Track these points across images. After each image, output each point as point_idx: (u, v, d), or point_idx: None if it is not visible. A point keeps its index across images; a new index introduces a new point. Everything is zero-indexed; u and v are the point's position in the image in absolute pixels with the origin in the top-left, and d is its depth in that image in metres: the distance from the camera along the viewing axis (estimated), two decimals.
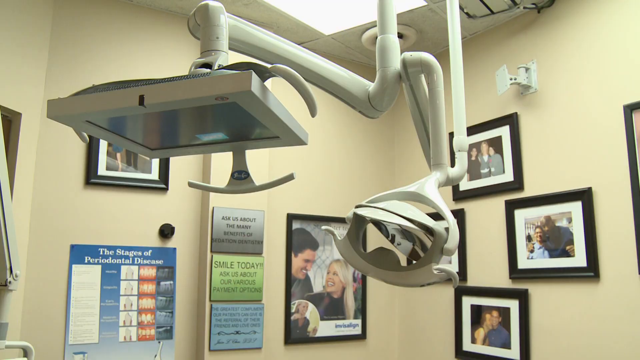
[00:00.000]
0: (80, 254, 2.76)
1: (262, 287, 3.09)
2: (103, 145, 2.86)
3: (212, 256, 2.97)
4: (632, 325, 2.41)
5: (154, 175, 2.99)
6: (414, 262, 1.17)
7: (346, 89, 1.35)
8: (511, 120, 3.01)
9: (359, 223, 1.27)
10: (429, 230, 1.15)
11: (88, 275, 2.77)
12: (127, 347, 2.83)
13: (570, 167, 2.72)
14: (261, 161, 3.11)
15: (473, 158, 3.19)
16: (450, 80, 1.47)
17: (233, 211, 3.03)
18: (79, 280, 2.74)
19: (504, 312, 2.96)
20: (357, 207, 1.25)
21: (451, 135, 1.43)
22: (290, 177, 1.42)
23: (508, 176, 3.01)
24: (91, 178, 2.82)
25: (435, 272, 1.11)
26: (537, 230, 2.81)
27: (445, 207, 1.19)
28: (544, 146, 2.86)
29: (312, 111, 1.03)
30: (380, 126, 3.83)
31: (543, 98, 2.89)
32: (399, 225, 1.17)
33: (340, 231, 1.20)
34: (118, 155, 2.89)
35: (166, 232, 2.97)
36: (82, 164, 2.82)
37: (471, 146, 3.21)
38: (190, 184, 1.54)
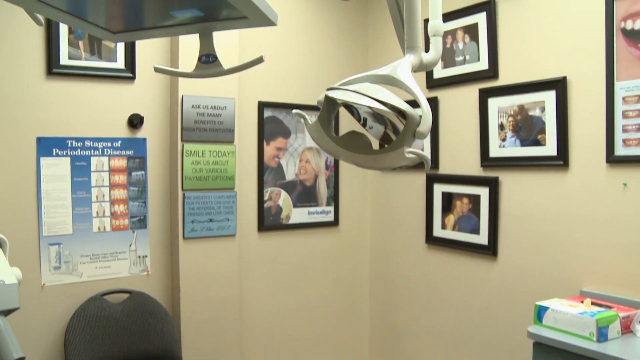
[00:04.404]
0: (47, 146, 2.70)
1: (234, 175, 3.09)
2: (63, 32, 2.72)
3: (183, 145, 2.93)
4: (597, 211, 2.49)
5: (120, 64, 2.88)
6: (386, 145, 1.15)
7: None
8: (488, 7, 2.92)
9: (330, 106, 1.23)
10: (401, 113, 1.13)
11: (57, 168, 2.72)
12: (101, 237, 2.85)
13: (547, 56, 2.68)
14: (230, 47, 3.01)
15: (448, 45, 3.12)
16: None
17: (203, 99, 2.96)
18: (49, 173, 2.70)
19: (474, 199, 3.02)
20: (328, 89, 1.21)
21: (426, 22, 1.36)
22: (259, 60, 1.36)
23: (483, 64, 2.96)
24: (53, 68, 2.70)
25: (407, 155, 1.10)
26: (510, 119, 2.81)
27: (419, 89, 1.16)
28: (520, 34, 2.80)
29: None
30: (353, 10, 3.70)
31: None
32: (371, 107, 1.14)
33: (313, 118, 1.17)
34: (80, 43, 2.76)
35: (135, 122, 2.91)
36: (42, 54, 2.70)
37: (446, 33, 3.13)
38: (156, 69, 1.48)
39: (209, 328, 3.06)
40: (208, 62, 1.37)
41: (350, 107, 1.30)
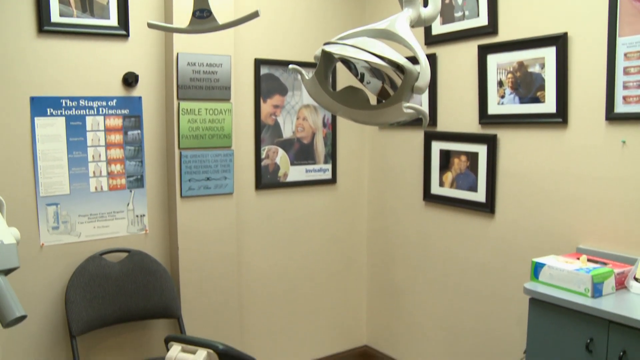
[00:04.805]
0: (41, 106, 2.66)
1: (231, 133, 3.07)
2: None
3: (178, 103, 2.90)
4: (595, 169, 2.49)
5: (113, 21, 2.83)
6: (384, 101, 1.13)
7: None
8: None
9: (327, 61, 1.21)
10: (399, 68, 1.11)
11: (52, 128, 2.70)
12: (99, 197, 2.84)
13: (547, 11, 2.63)
14: (225, 2, 2.94)
15: (447, 1, 3.07)
16: None
17: (198, 57, 2.92)
18: (43, 133, 2.68)
19: (472, 157, 3.01)
20: (325, 44, 1.19)
21: None
22: (254, 15, 1.34)
23: (482, 20, 2.91)
24: (44, 26, 2.64)
25: (405, 110, 1.09)
26: (509, 75, 2.78)
27: (417, 43, 1.14)
28: None
29: None
30: None
31: None
32: (368, 62, 1.12)
33: (310, 74, 1.15)
34: (71, 0, 2.70)
35: (130, 80, 2.87)
36: (32, 11, 2.63)
37: None
38: (150, 25, 1.45)
39: (207, 285, 3.09)
40: (202, 18, 1.34)
41: (347, 62, 1.28)
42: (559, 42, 2.55)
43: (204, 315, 3.09)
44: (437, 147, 3.22)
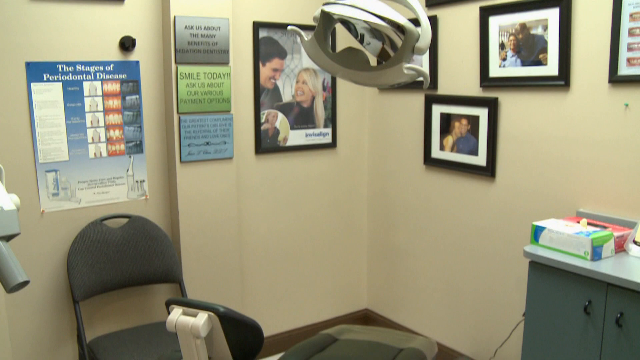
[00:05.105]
0: (37, 71, 2.63)
1: (230, 97, 3.05)
2: None
3: (177, 67, 2.87)
4: (597, 133, 2.47)
5: None
6: (384, 62, 1.12)
7: None
8: None
9: (326, 22, 1.19)
10: (399, 29, 1.08)
11: (49, 94, 2.67)
12: (98, 163, 2.83)
13: None
14: None
15: None
16: None
17: (196, 20, 2.87)
18: (40, 99, 2.65)
19: (473, 120, 2.99)
20: (324, 4, 1.16)
21: None
22: None
23: None
24: None
25: (405, 71, 1.07)
26: (511, 38, 2.74)
27: (418, 4, 1.11)
28: None
29: None
30: None
31: None
32: (368, 22, 1.09)
33: (309, 36, 1.13)
34: None
35: (127, 44, 2.83)
36: None
37: None
38: None
39: (208, 250, 3.10)
40: None
41: (347, 23, 1.25)
42: (562, 2, 2.51)
43: (205, 280, 3.12)
44: (437, 110, 3.20)
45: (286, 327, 3.64)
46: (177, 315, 1.45)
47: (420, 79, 1.16)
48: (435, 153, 3.24)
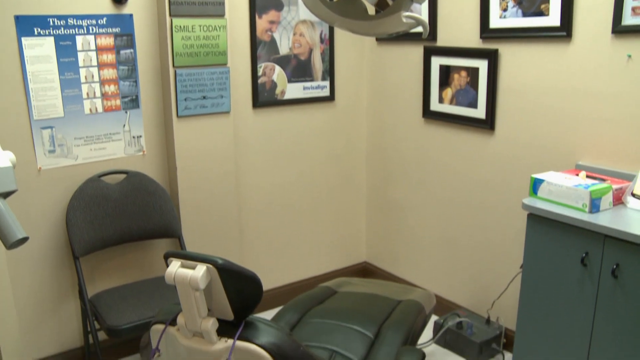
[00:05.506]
0: (27, 25, 2.57)
1: (226, 50, 3.00)
2: None
3: (171, 20, 2.81)
4: (598, 85, 2.44)
5: None
6: (382, 11, 1.09)
7: None
8: None
9: None
10: None
11: (41, 48, 2.62)
12: (94, 119, 2.81)
13: None
14: None
15: None
16: None
17: None
18: (32, 54, 2.60)
19: (473, 72, 2.95)
20: None
21: None
22: None
23: None
24: None
25: (404, 19, 1.04)
26: None
27: None
28: None
29: None
30: None
31: None
32: None
33: None
34: None
35: None
36: None
37: None
38: None
39: (206, 204, 3.11)
40: None
41: None
42: None
43: (204, 234, 3.13)
44: (436, 62, 3.15)
45: (285, 280, 3.68)
46: (175, 267, 1.46)
47: (419, 28, 1.13)
48: (434, 106, 3.21)
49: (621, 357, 2.08)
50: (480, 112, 2.95)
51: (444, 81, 3.13)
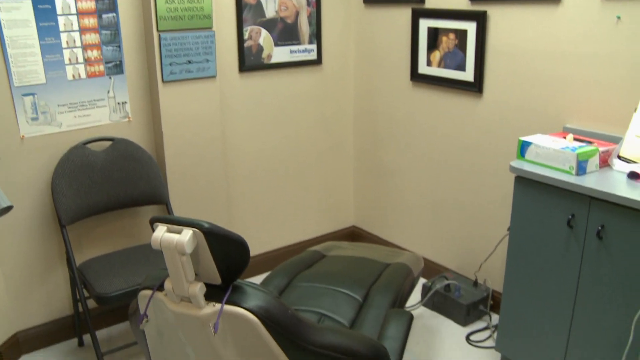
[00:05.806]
0: None
1: (211, 13, 2.94)
2: None
3: None
4: (587, 47, 2.42)
5: None
6: None
7: None
8: None
9: None
10: None
11: (18, 12, 2.55)
12: (77, 85, 2.76)
13: None
14: None
15: None
16: None
17: None
18: (9, 18, 2.53)
19: (461, 35, 2.92)
20: None
21: None
22: None
23: None
24: None
25: None
26: None
27: None
28: None
29: None
30: None
31: None
32: None
33: None
34: None
35: None
36: None
37: None
38: None
39: (194, 170, 3.09)
40: None
41: None
42: None
43: (191, 200, 3.12)
44: (424, 24, 3.11)
45: (274, 245, 3.69)
46: (161, 232, 1.44)
47: None
48: (422, 69, 3.19)
49: (605, 317, 2.11)
50: (468, 75, 2.93)
51: (432, 44, 3.09)
